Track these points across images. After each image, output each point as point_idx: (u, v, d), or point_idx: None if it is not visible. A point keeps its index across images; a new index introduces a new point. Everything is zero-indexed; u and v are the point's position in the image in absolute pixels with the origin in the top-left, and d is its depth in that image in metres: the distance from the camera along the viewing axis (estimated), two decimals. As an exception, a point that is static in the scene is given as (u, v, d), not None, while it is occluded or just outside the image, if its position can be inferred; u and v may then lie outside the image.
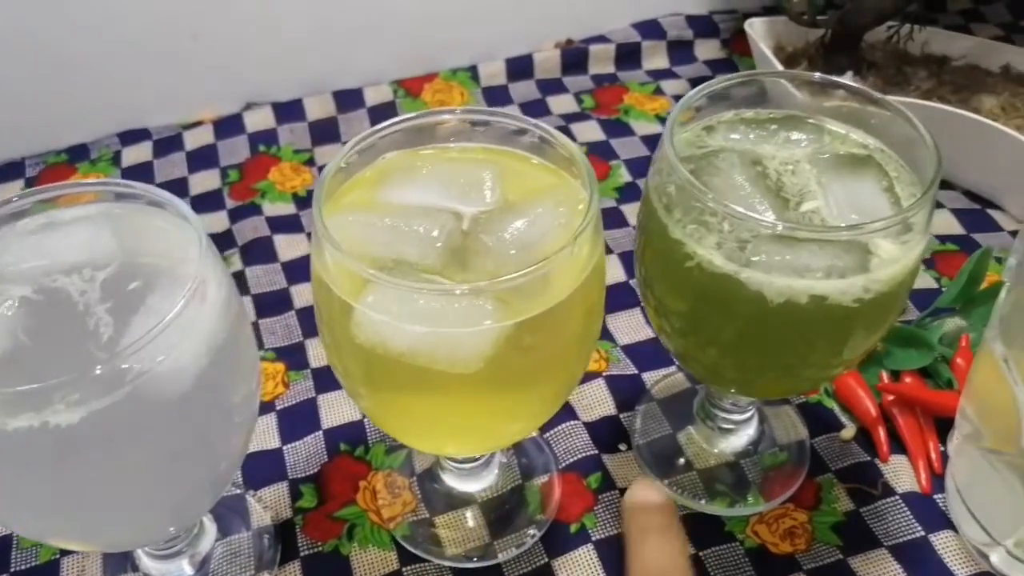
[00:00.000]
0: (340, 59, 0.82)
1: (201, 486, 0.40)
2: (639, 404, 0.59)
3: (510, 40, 0.85)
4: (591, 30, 0.88)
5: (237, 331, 0.38)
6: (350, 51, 0.82)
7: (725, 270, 0.39)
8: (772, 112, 0.47)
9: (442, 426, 0.42)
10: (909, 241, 0.41)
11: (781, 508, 0.53)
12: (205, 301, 0.35)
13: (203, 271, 0.35)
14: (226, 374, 0.37)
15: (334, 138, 0.80)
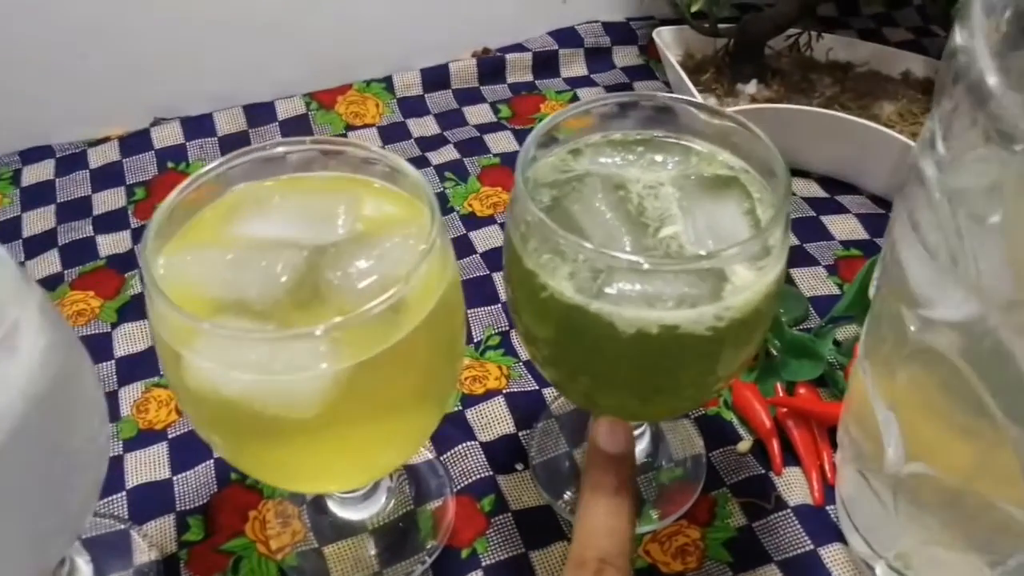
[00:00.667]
0: (251, 72, 0.81)
1: (50, 527, 0.39)
2: (538, 422, 0.58)
3: (426, 50, 0.84)
4: (509, 39, 0.88)
5: (68, 376, 0.37)
6: (261, 63, 0.81)
7: (576, 301, 0.39)
8: (640, 133, 0.47)
9: (298, 469, 0.41)
10: (765, 266, 0.41)
11: (675, 525, 0.53)
12: (16, 351, 0.34)
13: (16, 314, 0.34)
14: (54, 420, 0.36)
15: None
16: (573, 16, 0.89)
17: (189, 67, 0.80)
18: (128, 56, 0.78)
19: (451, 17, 0.85)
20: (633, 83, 0.86)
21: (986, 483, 0.39)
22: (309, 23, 0.80)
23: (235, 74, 0.81)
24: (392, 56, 0.84)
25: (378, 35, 0.83)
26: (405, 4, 0.83)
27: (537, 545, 0.52)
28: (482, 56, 0.86)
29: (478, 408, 0.59)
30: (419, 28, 0.84)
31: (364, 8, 0.82)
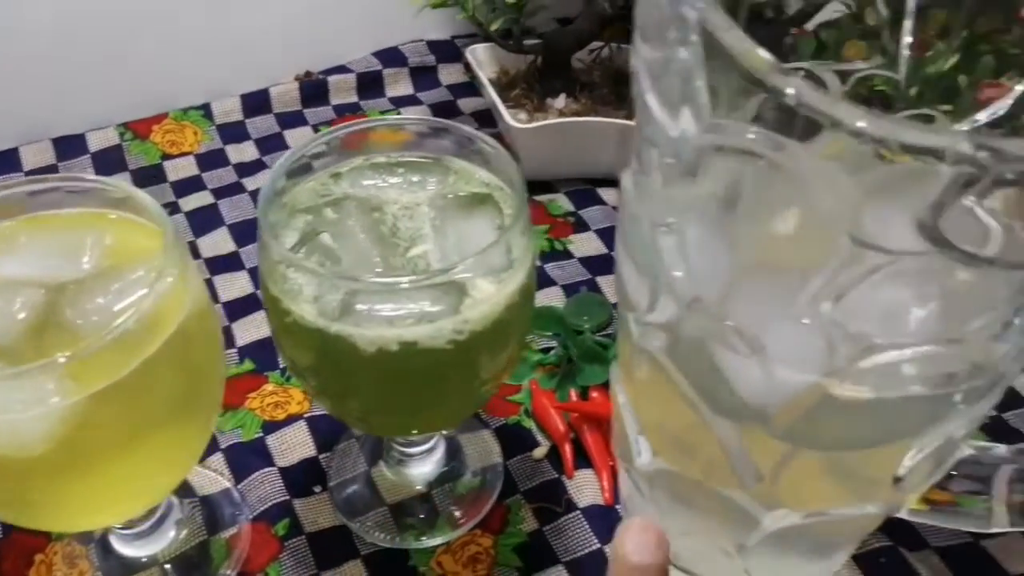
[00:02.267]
0: (60, 103, 0.80)
1: None
2: (339, 443, 0.59)
3: (246, 75, 0.84)
4: (331, 61, 0.88)
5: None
6: (71, 94, 0.80)
7: (317, 325, 0.40)
8: (403, 155, 0.48)
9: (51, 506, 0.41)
10: (506, 279, 0.42)
11: (469, 535, 0.55)
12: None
13: None
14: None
15: (58, 188, 0.78)
16: (398, 36, 0.90)
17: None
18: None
19: (272, 42, 0.85)
20: (458, 100, 0.88)
21: (709, 472, 0.41)
22: (126, 51, 0.80)
23: (43, 106, 0.79)
24: (211, 83, 0.83)
25: (197, 62, 0.83)
26: (224, 30, 0.83)
27: (330, 565, 0.53)
28: (304, 79, 0.87)
29: (279, 434, 0.59)
30: (240, 54, 0.84)
31: (182, 35, 0.81)
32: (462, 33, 0.93)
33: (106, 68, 0.80)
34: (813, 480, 0.41)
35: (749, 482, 0.39)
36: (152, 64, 0.82)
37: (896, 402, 0.35)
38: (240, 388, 0.62)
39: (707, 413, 0.37)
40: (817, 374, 0.33)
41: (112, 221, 0.43)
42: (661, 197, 0.35)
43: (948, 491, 0.45)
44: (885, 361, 0.32)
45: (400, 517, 0.55)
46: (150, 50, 0.81)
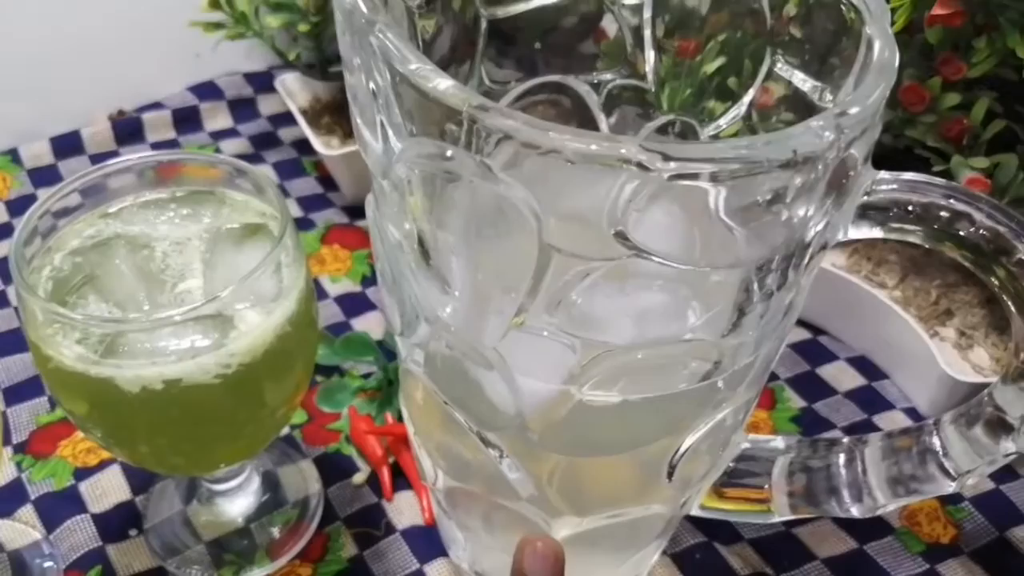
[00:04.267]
0: None
1: None
2: (154, 484, 0.58)
3: (55, 117, 0.82)
4: (145, 98, 0.87)
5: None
6: None
7: (78, 368, 0.39)
8: (176, 190, 0.48)
9: None
10: (275, 308, 0.42)
11: (288, 566, 0.54)
12: None
13: None
14: None
15: None
16: (213, 69, 0.89)
17: None
18: None
19: (81, 82, 0.83)
20: (278, 130, 0.87)
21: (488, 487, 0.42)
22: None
23: None
24: (17, 127, 0.81)
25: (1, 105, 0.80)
26: (27, 72, 0.80)
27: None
28: (118, 118, 0.85)
29: (92, 480, 0.58)
30: (44, 95, 0.82)
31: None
32: (278, 64, 0.92)
33: None
34: (591, 485, 0.42)
35: (525, 493, 0.40)
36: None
37: (645, 403, 0.36)
38: (52, 436, 0.60)
39: (472, 427, 0.38)
40: (558, 381, 0.34)
41: None
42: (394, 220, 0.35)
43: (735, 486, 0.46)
44: (619, 363, 0.33)
45: (218, 553, 0.54)
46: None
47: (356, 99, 0.32)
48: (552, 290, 0.31)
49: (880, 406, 0.64)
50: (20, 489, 0.57)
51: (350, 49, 0.30)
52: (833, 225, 0.34)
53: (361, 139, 0.33)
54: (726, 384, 0.37)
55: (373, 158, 0.33)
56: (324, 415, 0.62)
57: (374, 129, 0.31)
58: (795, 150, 0.28)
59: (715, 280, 0.34)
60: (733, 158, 0.27)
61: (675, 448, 0.39)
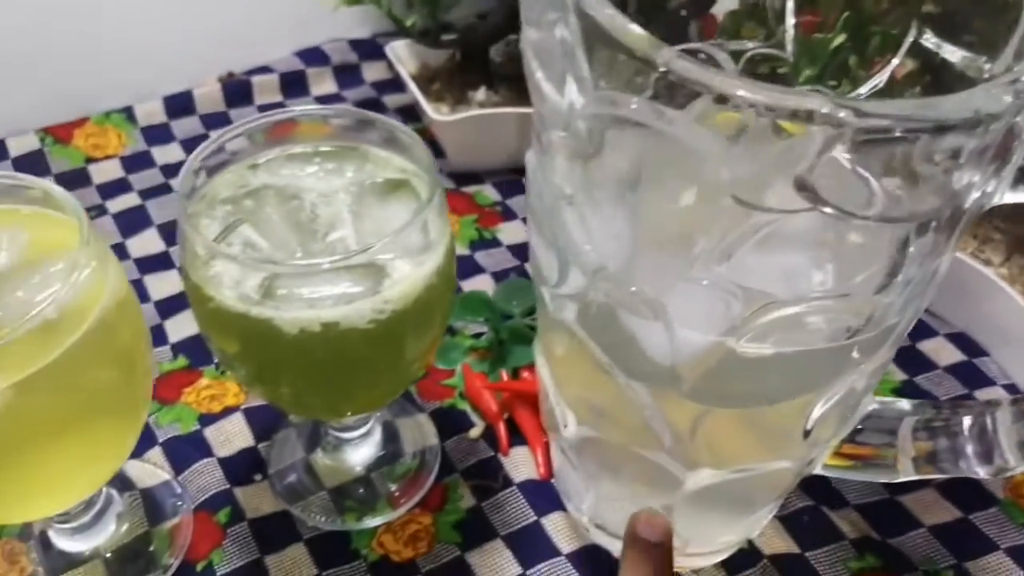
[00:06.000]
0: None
1: None
2: (276, 432, 0.60)
3: (168, 77, 0.85)
4: (253, 62, 0.89)
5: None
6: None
7: (239, 309, 0.41)
8: (321, 145, 0.49)
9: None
10: (425, 260, 0.44)
11: (408, 515, 0.56)
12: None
13: None
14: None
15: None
16: (319, 35, 0.91)
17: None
18: None
19: (193, 43, 0.85)
20: (382, 97, 0.89)
21: (630, 436, 0.43)
22: (42, 55, 0.80)
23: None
24: (133, 86, 0.83)
25: (117, 64, 0.83)
26: (144, 32, 0.83)
27: (273, 550, 0.54)
28: (228, 80, 0.87)
29: (216, 426, 0.60)
30: (160, 56, 0.84)
31: (101, 37, 0.81)
32: (383, 31, 0.94)
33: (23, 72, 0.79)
34: (728, 438, 0.43)
35: (667, 443, 0.41)
36: (70, 67, 0.81)
37: (795, 357, 0.37)
38: (175, 383, 0.63)
39: (621, 378, 0.39)
40: (717, 333, 0.35)
41: (27, 217, 0.43)
42: (563, 173, 0.36)
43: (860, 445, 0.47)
44: (779, 317, 0.34)
45: (340, 500, 0.56)
46: (68, 53, 0.81)
47: (539, 54, 0.33)
48: (726, 242, 0.32)
49: (981, 382, 0.64)
50: (148, 432, 0.60)
51: (543, 5, 0.32)
52: (989, 192, 0.34)
53: (539, 93, 0.34)
54: (870, 343, 0.38)
55: (552, 112, 0.34)
56: (438, 372, 0.64)
57: (559, 84, 0.32)
58: (977, 110, 0.29)
59: (876, 238, 0.35)
60: (920, 116, 0.28)
61: (813, 404, 0.40)
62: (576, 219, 0.36)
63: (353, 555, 0.54)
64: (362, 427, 0.57)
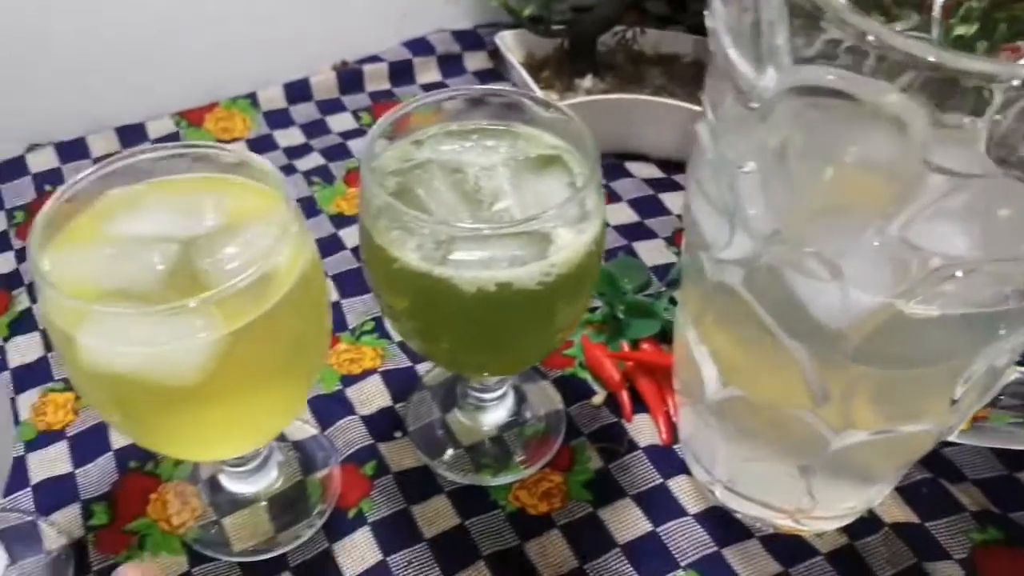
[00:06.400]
0: (121, 95, 0.84)
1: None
2: (412, 394, 0.64)
3: (287, 65, 0.89)
4: (364, 51, 0.93)
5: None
6: (130, 87, 0.84)
7: (422, 269, 0.45)
8: (475, 123, 0.53)
9: (191, 435, 0.46)
10: (584, 228, 0.47)
11: (540, 473, 0.59)
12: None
13: None
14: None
15: (120, 173, 0.82)
16: (425, 26, 0.95)
17: (59, 93, 0.83)
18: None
19: (309, 34, 0.90)
20: (484, 85, 0.93)
21: (782, 395, 0.46)
22: (175, 45, 0.85)
23: (104, 97, 0.84)
24: (255, 73, 0.88)
25: (241, 55, 0.88)
26: (265, 24, 0.87)
27: (418, 499, 0.58)
28: (341, 69, 0.91)
29: (357, 386, 0.64)
30: (279, 46, 0.89)
31: (227, 29, 0.86)
32: (484, 23, 0.98)
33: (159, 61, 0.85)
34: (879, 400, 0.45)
35: (820, 401, 0.44)
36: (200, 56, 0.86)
37: (957, 320, 0.39)
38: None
39: (783, 338, 0.42)
40: (889, 294, 0.38)
41: (228, 183, 0.47)
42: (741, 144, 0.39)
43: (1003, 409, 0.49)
44: (951, 278, 0.37)
45: (476, 457, 0.60)
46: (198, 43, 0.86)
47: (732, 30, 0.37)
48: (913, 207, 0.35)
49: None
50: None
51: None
52: None
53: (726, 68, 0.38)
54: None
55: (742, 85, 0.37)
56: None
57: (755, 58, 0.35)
58: None
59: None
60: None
61: (964, 370, 0.43)
62: (751, 187, 0.40)
63: (492, 506, 0.58)
64: (499, 389, 0.60)
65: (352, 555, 0.55)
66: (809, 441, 0.47)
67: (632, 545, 0.56)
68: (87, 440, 0.61)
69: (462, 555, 0.55)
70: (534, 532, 0.56)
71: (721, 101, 0.40)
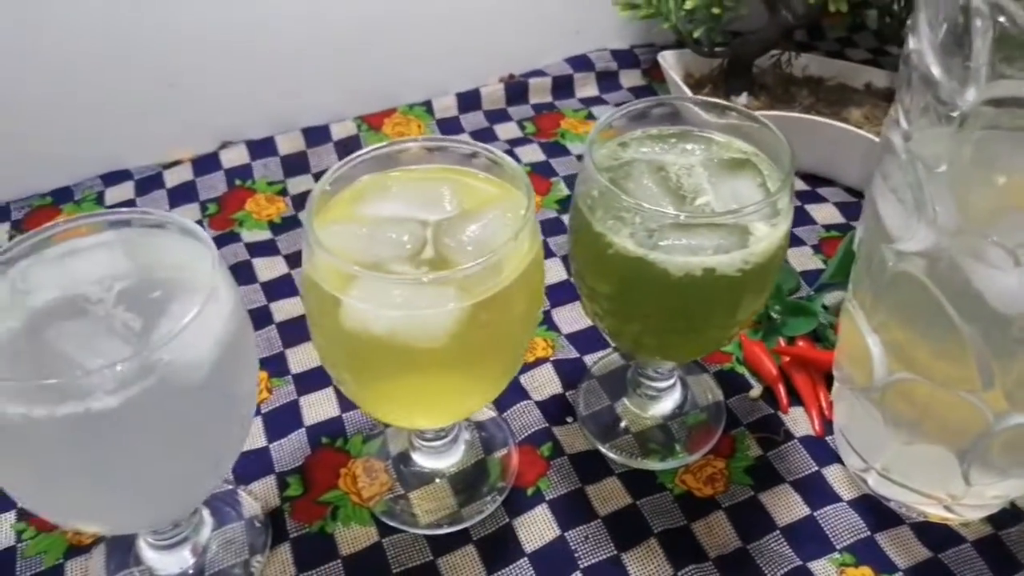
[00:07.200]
0: (307, 99, 0.92)
1: (207, 468, 0.49)
2: (581, 382, 0.69)
3: (459, 76, 0.97)
4: (530, 65, 1.00)
5: (243, 331, 0.48)
6: (316, 91, 0.92)
7: (637, 254, 0.50)
8: (672, 128, 0.58)
9: (415, 399, 0.52)
10: (777, 223, 0.52)
11: (703, 459, 0.64)
12: (218, 302, 0.44)
13: (215, 280, 0.45)
14: (234, 367, 0.46)
15: (304, 170, 0.90)
16: (585, 45, 1.01)
17: (251, 96, 0.91)
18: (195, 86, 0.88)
19: (480, 48, 0.97)
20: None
21: (952, 377, 0.50)
22: (357, 55, 0.92)
23: (292, 101, 0.92)
24: (430, 82, 0.95)
25: (418, 65, 0.95)
26: (440, 38, 0.95)
27: (591, 480, 0.63)
28: (508, 81, 0.98)
29: (530, 374, 0.70)
30: (453, 58, 0.96)
31: (405, 41, 0.94)
32: (639, 43, 1.04)
33: (342, 69, 0.93)
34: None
35: (987, 384, 0.48)
36: (380, 66, 0.94)
37: None
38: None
39: (959, 322, 0.47)
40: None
41: (465, 174, 0.53)
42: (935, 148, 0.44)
43: None
44: None
45: (644, 443, 0.65)
46: (377, 53, 0.93)
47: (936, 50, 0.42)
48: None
49: None
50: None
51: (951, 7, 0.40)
52: None
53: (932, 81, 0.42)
54: None
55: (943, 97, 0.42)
56: (718, 339, 0.72)
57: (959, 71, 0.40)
58: None
59: None
60: None
61: None
62: (940, 185, 0.44)
63: (660, 488, 0.62)
64: (671, 379, 0.65)
65: (532, 530, 0.60)
66: (971, 424, 0.51)
67: (791, 528, 0.60)
68: (281, 417, 0.67)
69: (634, 532, 0.60)
70: (700, 513, 0.61)
71: (916, 111, 0.45)
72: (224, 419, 0.48)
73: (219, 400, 0.47)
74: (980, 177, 0.44)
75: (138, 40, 0.84)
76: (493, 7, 0.95)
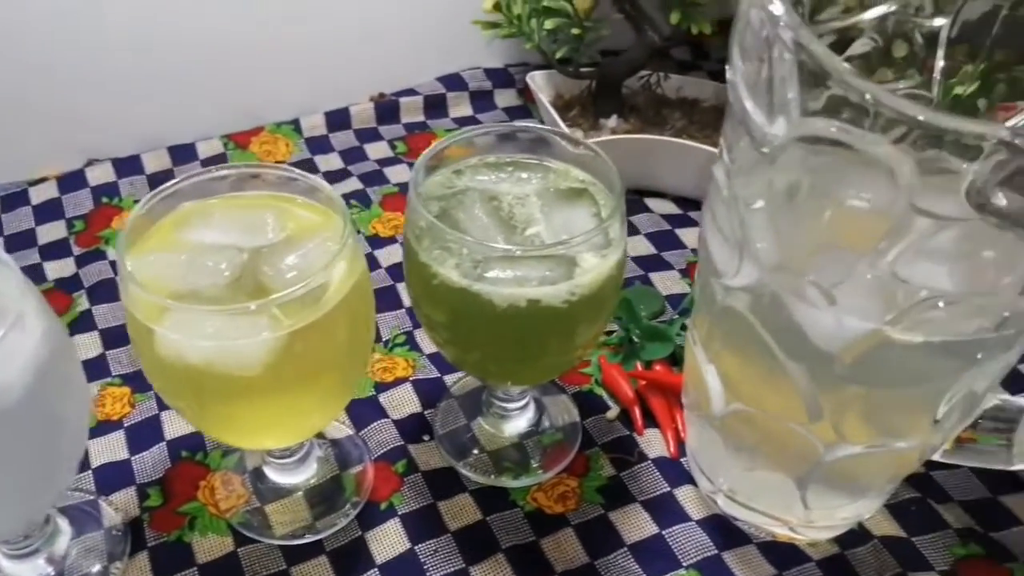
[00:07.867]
0: (173, 117, 0.91)
1: (40, 483, 0.49)
2: (440, 402, 0.69)
3: (329, 95, 0.95)
4: (401, 84, 0.99)
5: (61, 354, 0.47)
6: (183, 109, 0.91)
7: (461, 284, 0.50)
8: (510, 156, 0.58)
9: (251, 423, 0.52)
10: (608, 254, 0.52)
11: (557, 478, 0.64)
12: (25, 330, 0.44)
13: (22, 305, 0.44)
14: (53, 389, 0.46)
15: (171, 190, 0.88)
16: (458, 63, 1.01)
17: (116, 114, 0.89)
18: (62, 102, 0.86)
19: (349, 66, 0.96)
20: (513, 121, 0.98)
21: (780, 410, 0.51)
22: (225, 73, 0.91)
23: (158, 118, 0.90)
24: (298, 101, 0.94)
25: (286, 82, 0.94)
26: (308, 55, 0.94)
27: (444, 496, 0.63)
28: (378, 100, 0.97)
29: (389, 393, 0.70)
30: (322, 76, 0.95)
31: (274, 59, 0.92)
32: (514, 62, 1.04)
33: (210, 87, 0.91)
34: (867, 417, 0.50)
35: (814, 417, 0.49)
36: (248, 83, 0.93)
37: (938, 346, 0.44)
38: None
39: (783, 358, 0.47)
40: (878, 322, 0.43)
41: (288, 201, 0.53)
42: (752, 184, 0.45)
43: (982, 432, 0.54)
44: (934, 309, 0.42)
45: (498, 461, 0.65)
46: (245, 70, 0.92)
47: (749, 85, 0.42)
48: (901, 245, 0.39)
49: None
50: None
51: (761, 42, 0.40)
52: None
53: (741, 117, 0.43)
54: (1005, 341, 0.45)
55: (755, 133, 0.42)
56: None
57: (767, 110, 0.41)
58: None
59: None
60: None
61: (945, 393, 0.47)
62: (759, 222, 0.45)
63: (511, 505, 0.63)
64: (521, 400, 0.66)
65: (383, 543, 0.60)
66: (804, 453, 0.52)
67: (639, 545, 0.60)
68: (142, 431, 0.67)
69: (483, 547, 0.60)
70: (549, 530, 0.61)
71: (736, 145, 0.45)
72: (50, 437, 0.48)
73: (40, 421, 0.47)
74: (794, 215, 0.45)
75: (1, 57, 0.82)
76: (366, 25, 0.95)
